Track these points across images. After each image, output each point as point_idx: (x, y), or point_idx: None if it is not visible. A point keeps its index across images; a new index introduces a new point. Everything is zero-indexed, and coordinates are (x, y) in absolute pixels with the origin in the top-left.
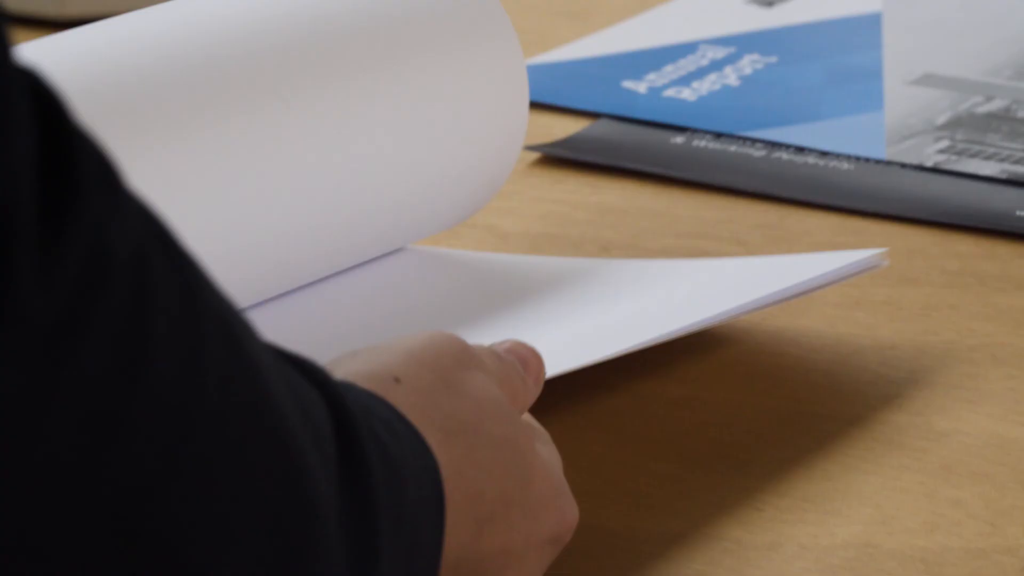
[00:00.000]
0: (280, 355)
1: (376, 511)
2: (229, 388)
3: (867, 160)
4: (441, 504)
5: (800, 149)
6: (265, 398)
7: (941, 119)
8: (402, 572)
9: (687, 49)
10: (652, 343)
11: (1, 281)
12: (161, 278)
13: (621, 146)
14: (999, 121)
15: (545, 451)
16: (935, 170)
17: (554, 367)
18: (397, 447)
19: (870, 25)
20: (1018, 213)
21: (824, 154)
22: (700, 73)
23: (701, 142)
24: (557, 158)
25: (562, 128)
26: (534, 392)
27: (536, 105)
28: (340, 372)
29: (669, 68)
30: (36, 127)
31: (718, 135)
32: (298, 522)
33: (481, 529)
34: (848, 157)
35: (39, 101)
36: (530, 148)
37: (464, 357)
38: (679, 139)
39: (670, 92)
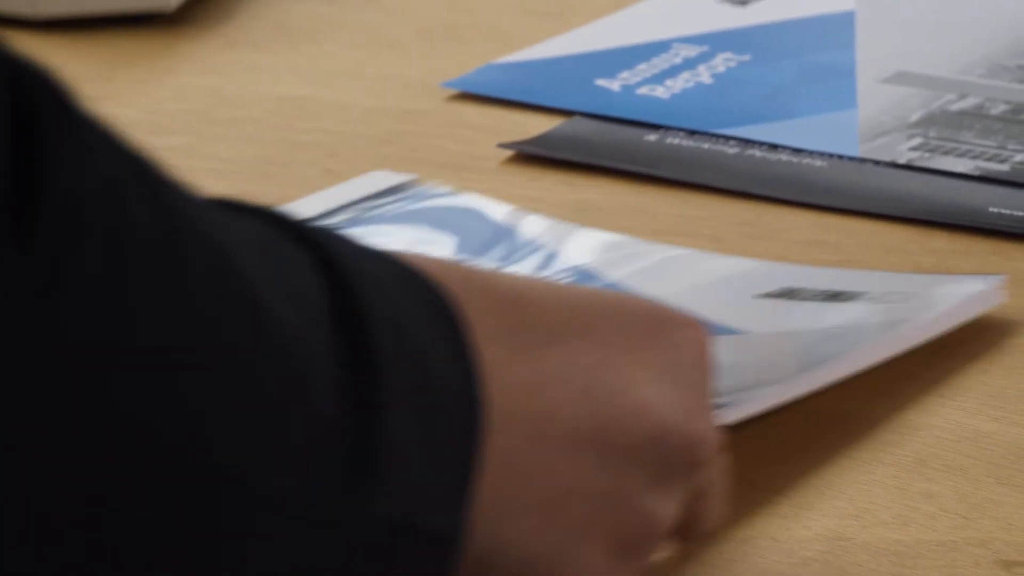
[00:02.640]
0: (287, 243)
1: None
2: (219, 306)
3: (840, 157)
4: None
5: (774, 147)
6: (259, 313)
7: (914, 116)
8: (422, 457)
9: (660, 47)
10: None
11: None
12: (136, 207)
13: (595, 144)
14: (972, 118)
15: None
16: (908, 167)
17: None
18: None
19: (843, 23)
20: (991, 209)
21: (797, 151)
22: (673, 71)
23: (675, 140)
24: (531, 156)
25: (536, 126)
26: None
27: (510, 103)
28: None
29: (642, 66)
30: None
31: (692, 133)
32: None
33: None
34: (821, 154)
35: None
36: (503, 146)
37: None
38: (652, 137)
39: (643, 90)
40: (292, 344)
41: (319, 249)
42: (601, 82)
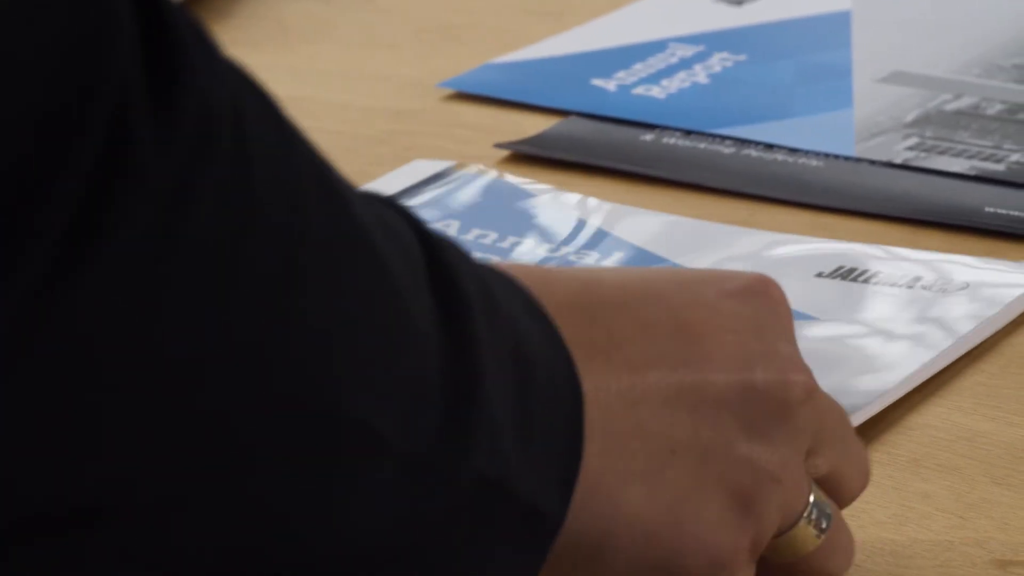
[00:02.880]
0: (378, 203)
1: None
2: (329, 223)
3: (836, 157)
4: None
5: (770, 146)
6: (365, 236)
7: (910, 116)
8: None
9: (656, 47)
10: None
11: (123, 152)
12: (258, 131)
13: (591, 143)
14: (968, 118)
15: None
16: (904, 167)
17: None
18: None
19: (839, 23)
20: (987, 209)
21: (794, 151)
22: (669, 71)
23: (671, 139)
24: (527, 155)
25: (532, 125)
26: None
27: (506, 103)
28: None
29: (639, 66)
30: (134, 3)
31: (688, 132)
32: (401, 344)
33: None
34: (817, 154)
35: None
36: (500, 146)
37: None
38: (648, 136)
39: (639, 90)
40: (400, 289)
41: (407, 214)
42: (597, 82)
